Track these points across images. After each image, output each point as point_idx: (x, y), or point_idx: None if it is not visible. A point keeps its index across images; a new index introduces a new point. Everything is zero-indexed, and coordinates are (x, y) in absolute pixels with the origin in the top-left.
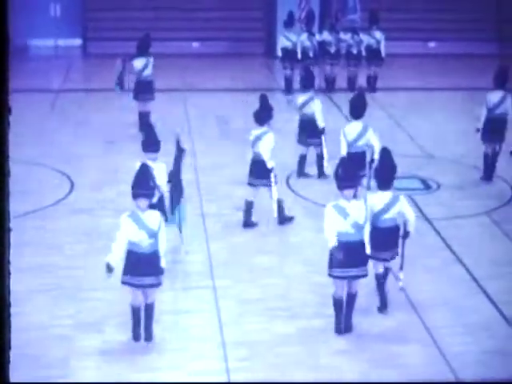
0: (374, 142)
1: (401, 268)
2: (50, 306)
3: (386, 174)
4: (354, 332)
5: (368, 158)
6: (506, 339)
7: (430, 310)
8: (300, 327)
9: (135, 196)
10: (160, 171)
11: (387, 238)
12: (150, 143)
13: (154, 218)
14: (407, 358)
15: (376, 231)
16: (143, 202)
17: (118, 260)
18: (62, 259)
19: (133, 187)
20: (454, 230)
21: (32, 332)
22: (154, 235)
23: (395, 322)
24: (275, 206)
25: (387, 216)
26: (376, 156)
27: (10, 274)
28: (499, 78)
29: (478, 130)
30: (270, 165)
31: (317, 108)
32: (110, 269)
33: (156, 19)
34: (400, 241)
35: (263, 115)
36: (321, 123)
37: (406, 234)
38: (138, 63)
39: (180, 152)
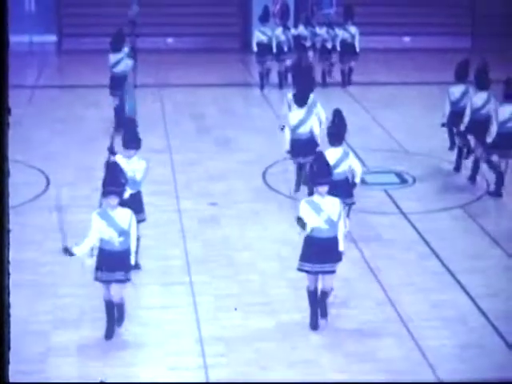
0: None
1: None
2: (27, 302)
3: (337, 132)
4: (332, 326)
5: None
6: (482, 333)
7: (406, 303)
8: (277, 322)
9: (106, 193)
10: (140, 168)
11: (339, 189)
12: (131, 140)
13: (124, 215)
14: (384, 351)
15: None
16: (113, 200)
17: (82, 251)
18: (38, 255)
19: (103, 185)
20: (429, 224)
21: (10, 327)
22: (123, 233)
23: (372, 316)
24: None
25: (339, 170)
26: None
27: (9, 274)
28: (460, 72)
29: (443, 125)
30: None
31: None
32: (67, 251)
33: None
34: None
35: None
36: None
37: (354, 185)
38: (113, 58)
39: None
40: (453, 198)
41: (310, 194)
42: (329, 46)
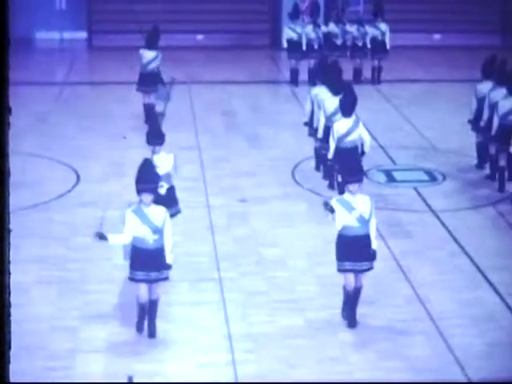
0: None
1: None
2: (56, 298)
3: (348, 104)
4: (361, 323)
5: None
6: (511, 331)
7: (435, 301)
8: (306, 319)
9: (139, 191)
10: (168, 162)
11: (349, 157)
12: (154, 136)
13: (158, 213)
14: (413, 349)
15: (340, 150)
16: (147, 197)
17: (115, 242)
18: (68, 251)
19: (136, 182)
20: (459, 222)
21: (38, 323)
22: (157, 231)
23: (401, 313)
24: None
25: (350, 138)
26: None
27: (10, 274)
28: (487, 68)
29: (469, 121)
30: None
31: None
32: (101, 236)
33: (161, 12)
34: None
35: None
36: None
37: (363, 153)
38: (148, 55)
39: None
40: (483, 195)
41: (341, 192)
42: (359, 43)
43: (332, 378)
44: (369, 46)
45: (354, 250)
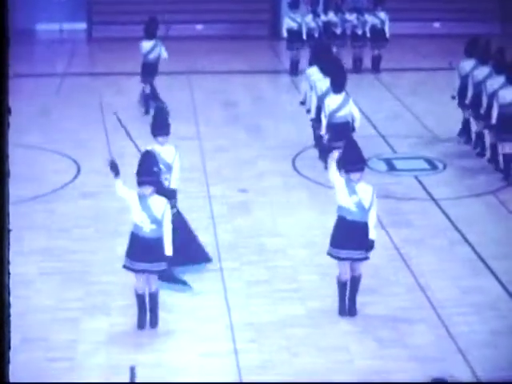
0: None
1: None
2: (57, 289)
3: (338, 81)
4: (362, 312)
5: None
6: None
7: (436, 289)
8: (308, 308)
9: (140, 183)
10: (170, 154)
11: (340, 131)
12: (160, 126)
13: (159, 204)
14: (414, 337)
15: (331, 126)
16: (147, 189)
17: (119, 186)
18: (69, 243)
19: (137, 174)
20: (460, 210)
21: (40, 315)
22: (155, 221)
23: (402, 302)
24: None
25: (340, 114)
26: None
27: (9, 274)
28: (470, 48)
29: (453, 97)
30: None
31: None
32: (115, 167)
33: (160, 2)
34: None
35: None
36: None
37: (353, 129)
38: (146, 46)
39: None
40: (483, 183)
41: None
42: (359, 32)
43: (333, 366)
44: (368, 34)
45: (350, 237)
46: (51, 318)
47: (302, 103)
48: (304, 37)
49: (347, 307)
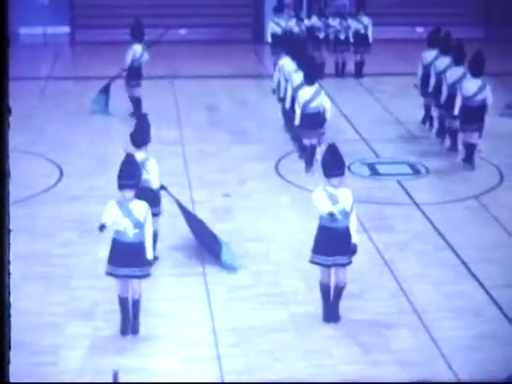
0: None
1: None
2: (41, 294)
3: (311, 73)
4: (345, 317)
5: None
6: (496, 324)
7: (419, 295)
8: (291, 313)
9: (121, 187)
10: (151, 167)
11: (313, 120)
12: (139, 138)
13: (140, 208)
14: (398, 342)
15: (305, 116)
16: (128, 193)
17: (108, 219)
18: (52, 247)
19: (118, 178)
20: (443, 215)
21: (23, 319)
22: (139, 225)
23: (385, 307)
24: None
25: (313, 105)
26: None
27: (9, 274)
28: (431, 39)
29: (415, 86)
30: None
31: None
32: (102, 228)
33: (143, 6)
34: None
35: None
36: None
37: (325, 119)
38: (139, 49)
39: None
40: (466, 188)
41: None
42: (342, 36)
43: (316, 371)
44: (351, 39)
45: (333, 244)
46: (34, 323)
47: (274, 91)
48: None
49: (330, 314)
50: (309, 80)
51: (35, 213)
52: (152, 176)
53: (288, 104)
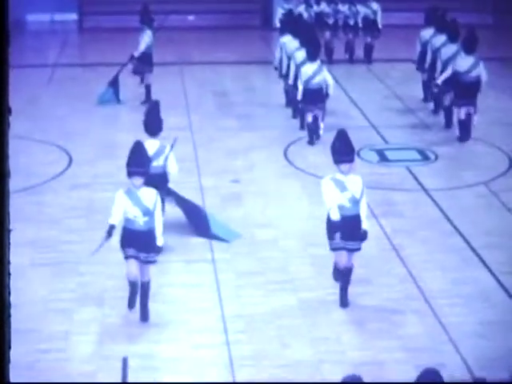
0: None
1: None
2: (50, 280)
3: (313, 50)
4: (353, 303)
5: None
6: (504, 310)
7: (427, 280)
8: (299, 299)
9: (130, 174)
10: (170, 153)
11: (315, 95)
12: (153, 126)
13: (149, 195)
14: (406, 328)
15: (307, 91)
16: (138, 180)
17: (116, 219)
18: (61, 234)
19: (127, 165)
20: (451, 201)
21: (32, 306)
22: (148, 213)
23: (394, 293)
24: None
25: (315, 81)
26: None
27: (10, 274)
28: (429, 17)
29: (414, 62)
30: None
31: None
32: (110, 232)
33: None
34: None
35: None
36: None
37: (327, 95)
38: (151, 35)
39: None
40: (475, 174)
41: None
42: (351, 22)
43: (325, 357)
44: (360, 25)
45: (344, 230)
46: (43, 309)
47: (276, 68)
48: None
49: (340, 299)
50: (311, 57)
51: (44, 200)
52: (170, 162)
53: (291, 80)
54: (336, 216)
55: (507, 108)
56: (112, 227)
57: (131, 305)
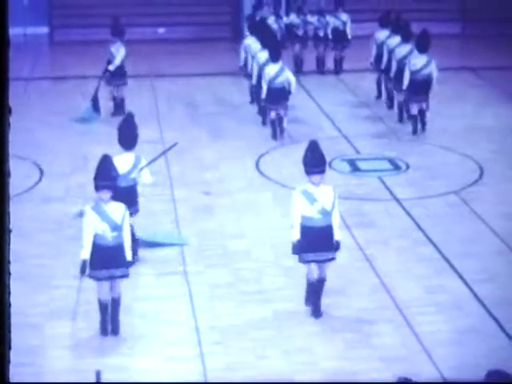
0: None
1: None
2: (21, 295)
3: (275, 52)
4: (327, 314)
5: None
6: (477, 318)
7: (401, 290)
8: (273, 311)
9: (97, 188)
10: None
11: (279, 94)
12: (129, 139)
13: (118, 210)
14: (380, 338)
15: (270, 90)
16: (106, 194)
17: (87, 251)
18: (32, 247)
19: (95, 179)
20: (423, 210)
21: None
22: (117, 228)
23: (367, 303)
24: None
25: (277, 81)
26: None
27: (10, 274)
28: (384, 20)
29: (371, 64)
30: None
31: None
32: (84, 268)
33: (121, 5)
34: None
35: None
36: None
37: (289, 92)
38: (123, 48)
39: None
40: (446, 183)
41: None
42: (321, 33)
43: (299, 368)
44: (330, 36)
45: (315, 241)
46: (15, 324)
47: (241, 69)
48: None
49: (312, 309)
50: (274, 58)
51: (15, 213)
52: (144, 173)
53: (254, 80)
54: (295, 237)
55: (478, 117)
56: (85, 262)
57: (105, 331)
